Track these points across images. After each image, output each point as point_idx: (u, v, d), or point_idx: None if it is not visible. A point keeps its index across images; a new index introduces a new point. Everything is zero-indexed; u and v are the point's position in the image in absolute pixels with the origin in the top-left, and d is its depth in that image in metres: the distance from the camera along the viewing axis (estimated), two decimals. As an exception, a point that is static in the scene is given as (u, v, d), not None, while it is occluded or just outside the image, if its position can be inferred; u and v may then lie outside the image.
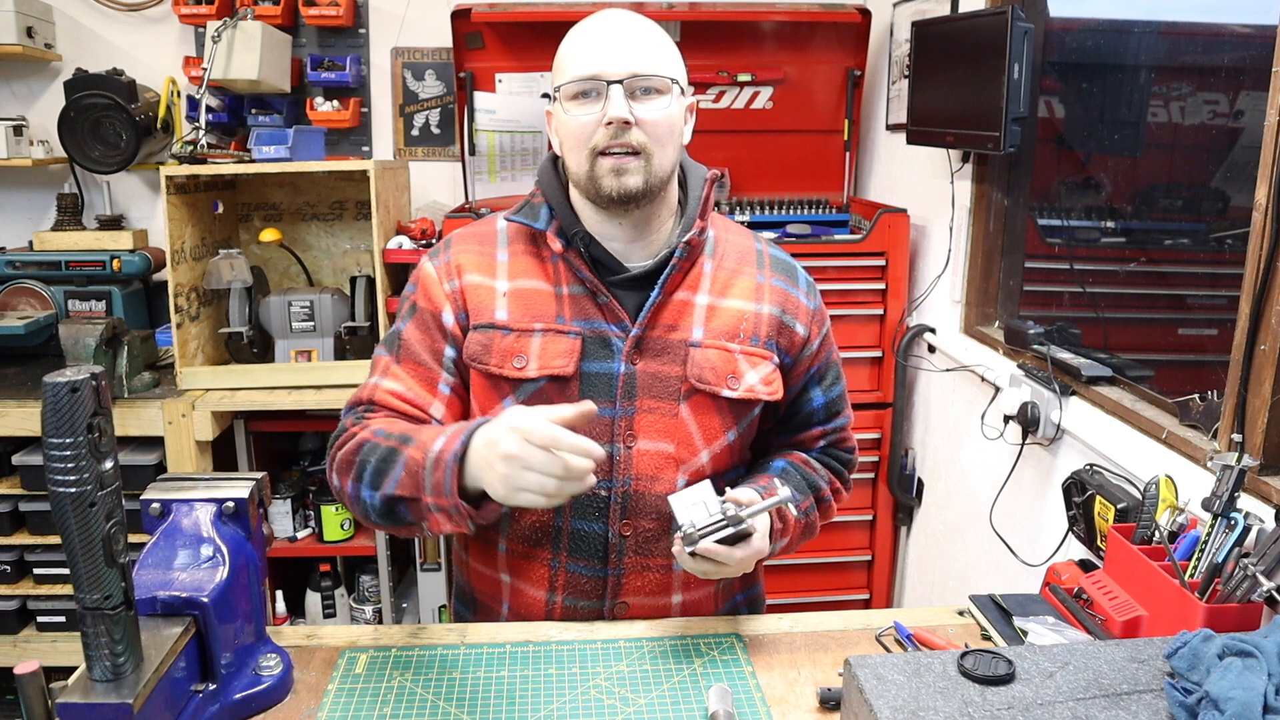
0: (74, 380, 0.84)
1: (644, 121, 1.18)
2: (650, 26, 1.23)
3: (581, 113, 1.19)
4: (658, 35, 1.23)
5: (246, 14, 2.63)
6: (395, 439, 1.16)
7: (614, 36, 1.20)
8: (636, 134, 1.18)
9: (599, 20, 1.23)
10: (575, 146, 1.21)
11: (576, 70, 1.19)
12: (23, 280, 2.66)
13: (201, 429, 2.37)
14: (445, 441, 1.10)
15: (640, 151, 1.18)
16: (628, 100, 1.17)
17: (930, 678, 0.97)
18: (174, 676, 0.99)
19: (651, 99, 1.19)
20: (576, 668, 1.17)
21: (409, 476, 1.12)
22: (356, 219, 2.89)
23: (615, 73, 1.17)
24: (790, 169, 3.02)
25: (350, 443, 1.22)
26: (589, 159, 1.19)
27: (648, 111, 1.18)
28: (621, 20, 1.22)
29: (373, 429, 1.21)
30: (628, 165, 1.18)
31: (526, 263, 1.28)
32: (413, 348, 1.27)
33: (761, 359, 1.28)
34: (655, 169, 1.20)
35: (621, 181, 1.18)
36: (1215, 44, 1.83)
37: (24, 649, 2.51)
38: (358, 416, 1.26)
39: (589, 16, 1.24)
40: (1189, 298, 1.97)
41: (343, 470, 1.22)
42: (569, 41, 1.23)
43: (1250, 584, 1.11)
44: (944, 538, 2.56)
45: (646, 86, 1.19)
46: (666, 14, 2.74)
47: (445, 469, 1.08)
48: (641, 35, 1.21)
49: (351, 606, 2.85)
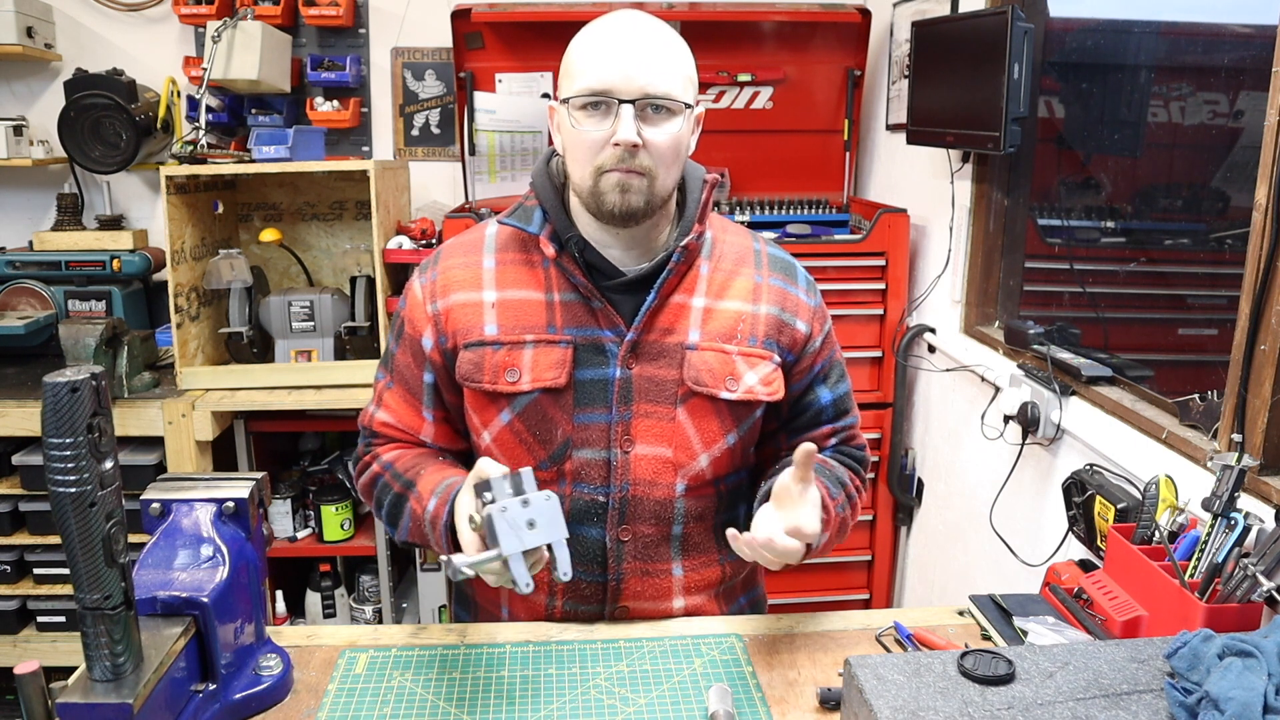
0: (74, 380, 0.84)
1: (652, 144, 1.16)
2: (667, 38, 1.19)
3: (590, 127, 1.16)
4: (674, 48, 1.19)
5: (246, 14, 2.63)
6: (401, 483, 1.27)
7: (630, 49, 1.15)
8: (644, 156, 1.16)
9: (615, 28, 1.18)
10: (580, 159, 1.19)
11: (588, 81, 1.15)
12: (23, 280, 2.66)
13: (201, 429, 2.37)
14: (435, 506, 1.20)
15: (645, 173, 1.17)
16: (637, 121, 1.15)
17: (930, 678, 0.97)
18: (174, 676, 0.99)
19: (662, 120, 1.16)
20: (576, 668, 1.17)
21: (415, 526, 1.25)
22: (356, 219, 2.89)
23: (628, 91, 1.14)
24: (790, 169, 3.02)
25: (366, 474, 1.34)
26: (594, 175, 1.18)
27: (657, 134, 1.16)
28: (638, 31, 1.17)
29: (382, 462, 1.32)
30: (632, 184, 1.17)
31: (516, 270, 1.26)
32: (401, 373, 1.33)
33: (760, 359, 1.27)
34: (659, 189, 1.19)
35: (625, 199, 1.17)
36: (1215, 44, 1.83)
37: (24, 649, 2.52)
38: (366, 444, 1.37)
39: (604, 18, 1.20)
40: (1189, 298, 1.97)
41: (366, 497, 1.36)
42: (582, 45, 1.19)
43: (1250, 584, 1.11)
44: (944, 538, 2.56)
45: (658, 106, 1.16)
46: (666, 14, 2.74)
47: (440, 534, 1.19)
48: (658, 50, 1.16)
49: (351, 606, 2.85)
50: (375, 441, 1.35)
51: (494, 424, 1.25)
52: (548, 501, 1.07)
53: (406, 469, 1.28)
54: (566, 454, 1.23)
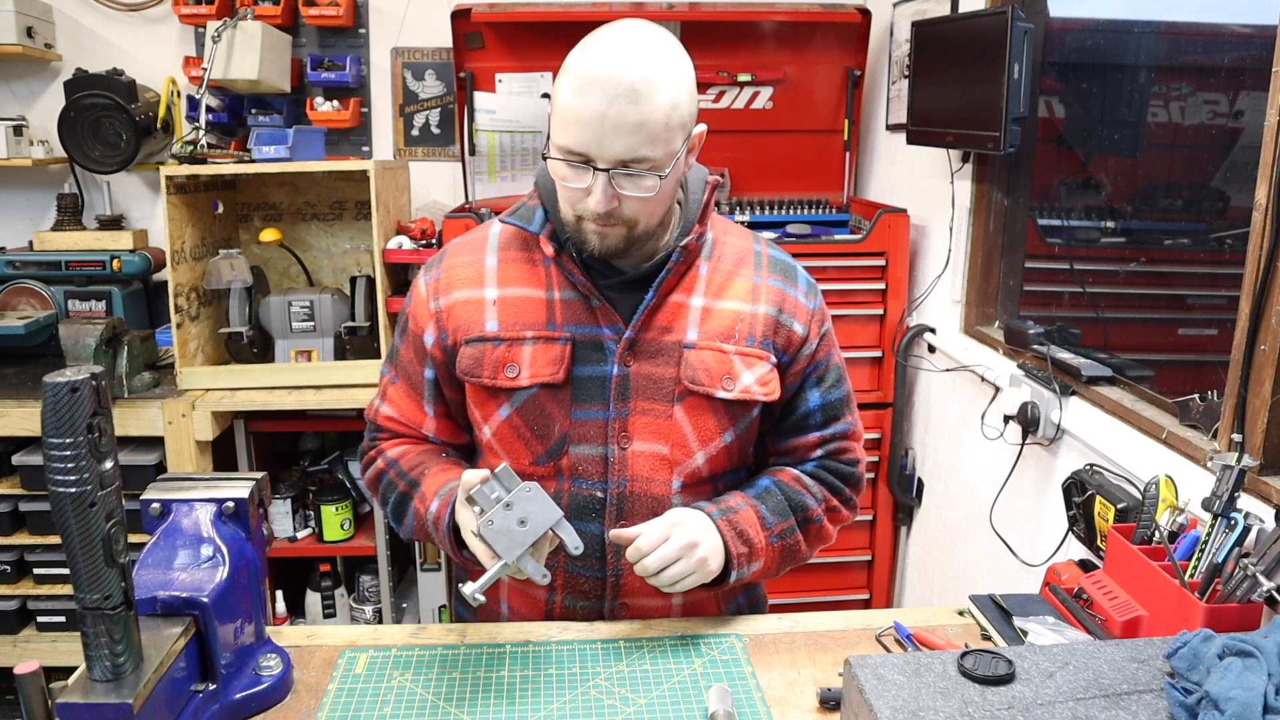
0: (74, 380, 0.84)
1: (630, 200, 1.14)
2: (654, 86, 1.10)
3: (570, 179, 1.15)
4: (661, 100, 1.10)
5: (246, 14, 2.63)
6: (406, 482, 1.30)
7: (608, 114, 1.08)
8: (622, 212, 1.16)
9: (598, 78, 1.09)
10: (562, 200, 1.20)
11: (565, 140, 1.12)
12: (23, 280, 2.66)
13: (201, 429, 2.37)
14: (438, 508, 1.23)
15: (624, 223, 1.17)
16: (616, 182, 1.13)
17: (930, 678, 0.97)
18: (174, 676, 0.99)
19: (642, 179, 1.13)
20: (576, 668, 1.18)
21: (419, 524, 1.28)
22: (356, 219, 2.89)
23: (603, 159, 1.11)
24: (790, 169, 3.02)
25: (371, 469, 1.36)
26: (574, 218, 1.19)
27: (636, 191, 1.14)
28: (621, 86, 1.08)
29: (387, 459, 1.34)
30: (610, 232, 1.18)
31: (518, 268, 1.27)
32: (405, 369, 1.34)
33: (757, 359, 1.27)
34: (641, 231, 1.20)
35: (604, 244, 1.19)
36: (1215, 44, 1.83)
37: (24, 649, 2.52)
38: (371, 438, 1.39)
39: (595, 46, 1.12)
40: (1189, 298, 1.97)
41: (372, 492, 1.38)
42: (565, 92, 1.12)
43: (1250, 584, 1.11)
44: (944, 538, 2.56)
45: (635, 172, 1.13)
46: (666, 14, 2.75)
47: (444, 534, 1.23)
48: (640, 109, 1.09)
49: (351, 606, 2.85)
50: (380, 436, 1.37)
51: (494, 419, 1.26)
52: (529, 494, 1.10)
53: (411, 467, 1.30)
54: (564, 449, 1.24)
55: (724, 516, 1.23)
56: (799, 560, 1.33)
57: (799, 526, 1.30)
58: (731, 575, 1.23)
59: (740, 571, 1.23)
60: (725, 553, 1.22)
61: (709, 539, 1.20)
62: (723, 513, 1.23)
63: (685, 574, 1.17)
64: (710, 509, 1.24)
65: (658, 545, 1.16)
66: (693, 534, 1.18)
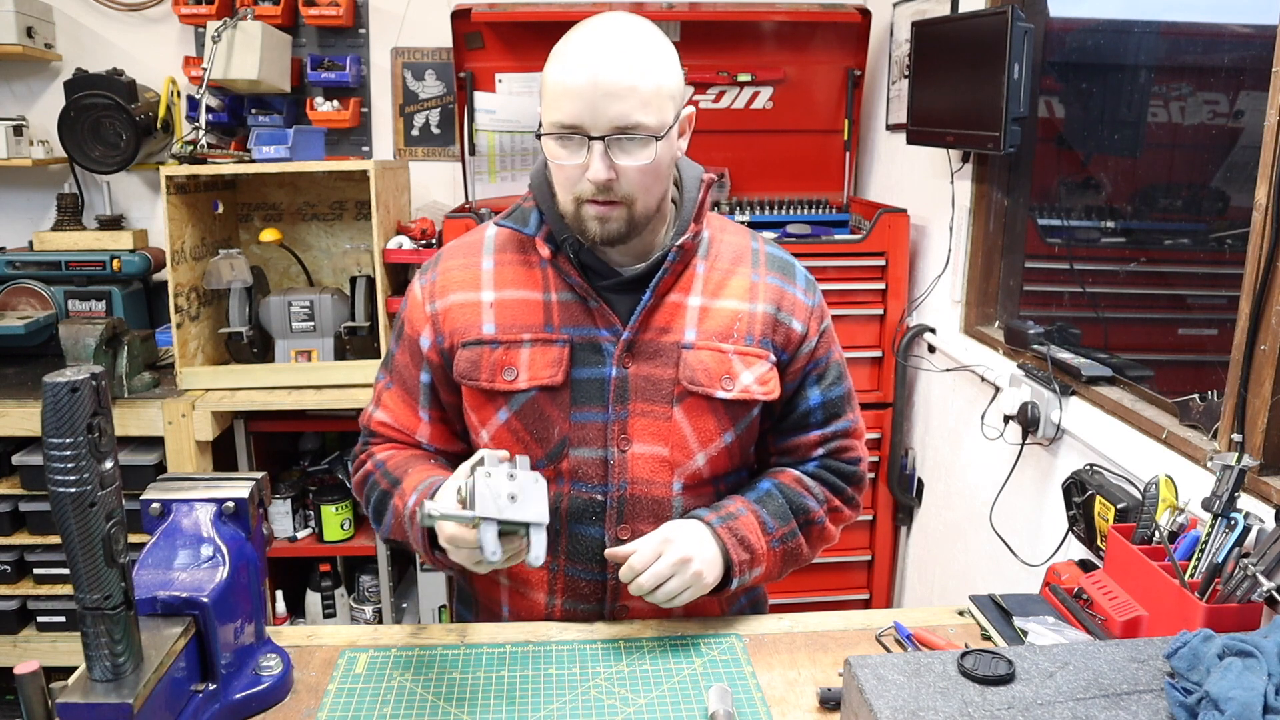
0: (74, 380, 0.84)
1: (627, 172, 1.14)
2: (639, 55, 1.13)
3: (565, 158, 1.15)
4: (647, 66, 1.13)
5: (246, 14, 2.63)
6: (389, 481, 1.29)
7: (599, 80, 1.10)
8: (620, 186, 1.15)
9: (585, 51, 1.13)
10: (559, 188, 1.20)
11: (558, 115, 1.13)
12: (23, 280, 2.66)
13: (201, 429, 2.37)
14: (415, 501, 1.22)
15: (624, 201, 1.17)
16: (610, 152, 1.13)
17: (930, 678, 0.97)
18: (174, 676, 0.99)
19: (637, 147, 1.14)
20: (576, 668, 1.18)
21: (397, 523, 1.26)
22: (356, 219, 2.89)
23: (596, 126, 1.12)
24: (790, 169, 3.02)
25: (360, 472, 1.36)
26: (573, 204, 1.18)
27: (632, 160, 1.14)
28: (608, 54, 1.11)
29: (375, 461, 1.33)
30: (610, 215, 1.17)
31: (514, 270, 1.27)
32: (400, 374, 1.34)
33: (756, 358, 1.26)
34: (640, 213, 1.19)
35: (605, 228, 1.18)
36: (1215, 44, 1.83)
37: (24, 649, 2.52)
38: (364, 443, 1.38)
39: (579, 33, 1.16)
40: (1189, 298, 1.97)
41: (358, 494, 1.37)
42: (553, 71, 1.14)
43: (1250, 584, 1.11)
44: (944, 538, 2.56)
45: (632, 136, 1.13)
46: (666, 14, 2.74)
47: (419, 531, 1.19)
48: (628, 76, 1.11)
49: (351, 606, 2.85)
50: (373, 441, 1.36)
51: (492, 423, 1.26)
52: (535, 484, 1.07)
53: (396, 468, 1.29)
54: (564, 452, 1.24)
55: (724, 524, 1.23)
56: (801, 562, 1.33)
57: (800, 529, 1.30)
58: (733, 582, 1.23)
59: (742, 578, 1.23)
60: (726, 560, 1.22)
61: (703, 552, 1.19)
62: (723, 520, 1.23)
63: (680, 590, 1.17)
64: (710, 516, 1.23)
65: (650, 563, 1.17)
66: (685, 549, 1.18)
